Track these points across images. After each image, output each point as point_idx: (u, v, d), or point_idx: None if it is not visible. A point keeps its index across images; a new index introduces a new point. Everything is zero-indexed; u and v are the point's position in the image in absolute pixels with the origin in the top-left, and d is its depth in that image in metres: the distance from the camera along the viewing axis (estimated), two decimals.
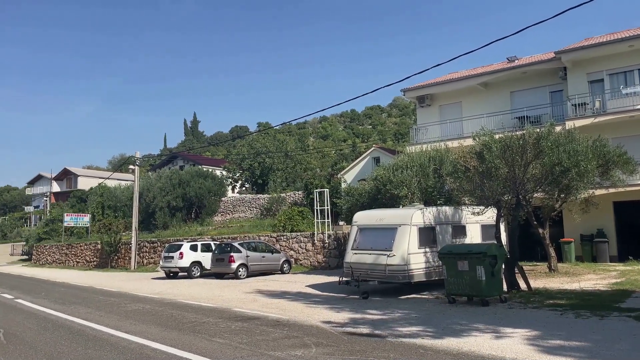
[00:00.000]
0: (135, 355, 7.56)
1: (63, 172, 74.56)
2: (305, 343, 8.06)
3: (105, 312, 12.52)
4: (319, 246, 24.18)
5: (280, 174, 47.11)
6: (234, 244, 21.80)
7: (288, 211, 28.35)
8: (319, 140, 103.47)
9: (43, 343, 8.86)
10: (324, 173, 47.83)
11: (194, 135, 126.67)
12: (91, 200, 47.02)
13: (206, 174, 43.00)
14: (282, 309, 12.06)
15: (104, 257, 35.12)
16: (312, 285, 16.99)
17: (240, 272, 20.87)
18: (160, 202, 39.04)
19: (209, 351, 7.64)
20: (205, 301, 14.14)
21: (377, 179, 19.86)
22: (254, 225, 31.07)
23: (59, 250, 41.59)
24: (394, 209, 16.67)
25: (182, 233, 32.62)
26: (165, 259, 23.81)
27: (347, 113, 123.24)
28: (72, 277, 27.39)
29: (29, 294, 18.18)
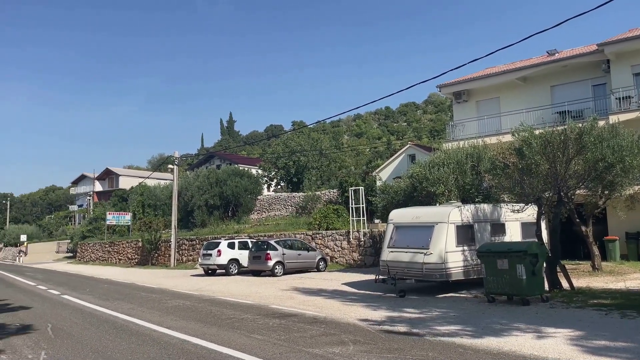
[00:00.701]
0: (176, 350, 7.75)
1: (105, 172, 76.86)
2: (342, 340, 8.09)
3: (147, 308, 12.86)
4: (355, 244, 24.16)
5: (315, 172, 47.26)
6: (271, 242, 22.03)
7: (323, 209, 28.42)
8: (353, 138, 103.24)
9: (89, 337, 9.18)
10: (359, 171, 47.75)
11: (230, 134, 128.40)
12: (132, 199, 48.33)
13: (242, 172, 43.58)
14: (319, 306, 12.12)
15: (144, 255, 36.06)
16: (348, 283, 17.00)
17: (276, 270, 21.07)
18: (198, 200, 39.81)
19: (247, 347, 7.75)
20: (243, 298, 14.34)
21: (413, 176, 19.70)
22: (289, 224, 31.28)
23: (101, 247, 42.94)
24: (430, 206, 16.50)
25: (219, 231, 33.15)
26: (203, 256, 24.28)
27: (381, 110, 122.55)
28: (114, 274, 28.23)
29: (75, 290, 18.84)
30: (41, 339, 9.14)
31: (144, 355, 7.46)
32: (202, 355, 7.34)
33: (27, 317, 11.93)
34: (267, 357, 7.08)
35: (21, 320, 11.43)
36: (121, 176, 74.09)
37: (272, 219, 37.85)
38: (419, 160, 24.23)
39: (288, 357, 7.06)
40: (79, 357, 7.56)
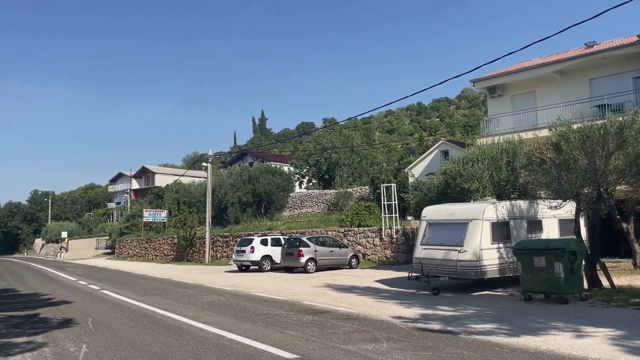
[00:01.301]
0: (212, 345, 7.89)
1: (141, 170, 78.66)
2: (376, 337, 8.08)
3: (183, 304, 13.13)
4: (387, 241, 24.04)
5: (346, 169, 47.19)
6: (303, 239, 22.14)
7: (355, 206, 28.37)
8: (385, 135, 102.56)
9: (127, 331, 9.44)
10: (391, 167, 47.36)
11: (262, 132, 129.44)
12: (167, 197, 49.32)
13: (274, 170, 43.91)
14: (352, 303, 12.13)
15: (180, 251, 36.79)
16: (381, 280, 16.94)
17: (309, 266, 21.18)
18: (231, 197, 40.33)
19: (281, 343, 7.83)
20: (276, 294, 14.48)
21: (446, 172, 19.45)
22: (321, 220, 31.36)
23: (139, 244, 44.01)
24: (464, 203, 16.27)
25: (252, 228, 33.51)
26: (237, 252, 24.60)
27: (413, 106, 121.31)
28: (151, 269, 28.89)
29: (114, 285, 19.38)
30: (82, 332, 9.45)
31: (180, 350, 7.62)
32: (237, 350, 7.46)
33: (68, 311, 12.35)
34: (301, 352, 7.14)
35: (63, 314, 11.84)
36: (157, 174, 75.67)
37: (304, 216, 38.02)
38: (452, 156, 23.90)
39: (321, 353, 7.10)
40: (118, 350, 7.78)
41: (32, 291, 18.08)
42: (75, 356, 7.44)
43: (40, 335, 9.30)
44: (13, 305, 14.18)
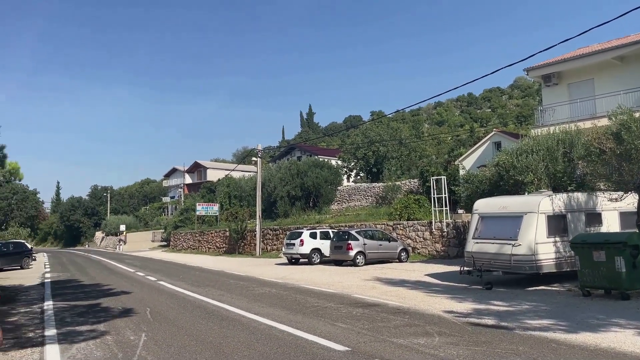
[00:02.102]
0: (264, 336, 8.06)
1: (194, 165, 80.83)
2: (427, 332, 8.01)
3: (236, 295, 13.44)
4: (437, 235, 23.70)
5: (394, 162, 46.73)
6: (351, 232, 22.15)
7: (404, 199, 28.10)
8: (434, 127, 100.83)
9: (183, 321, 9.77)
10: (440, 160, 46.59)
11: (310, 126, 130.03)
12: (219, 191, 50.48)
13: (322, 163, 44.08)
14: (402, 297, 12.06)
15: (231, 244, 37.64)
16: (431, 275, 16.75)
17: (358, 260, 21.18)
18: (280, 191, 40.83)
19: (332, 335, 7.90)
20: (326, 287, 14.58)
21: (499, 164, 18.93)
22: (369, 214, 31.25)
23: (192, 237, 45.34)
24: (518, 196, 15.81)
25: (301, 221, 33.82)
26: (287, 245, 24.92)
27: (463, 97, 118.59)
28: (204, 261, 29.71)
29: (169, 276, 20.06)
30: (141, 321, 9.86)
31: (234, 340, 7.83)
32: (289, 342, 7.58)
33: (128, 301, 12.90)
34: (352, 345, 7.18)
35: (123, 304, 12.38)
36: (209, 169, 77.51)
37: (352, 210, 38.00)
38: (505, 148, 23.22)
39: (372, 346, 7.12)
40: (175, 340, 8.07)
41: (94, 282, 18.99)
42: (135, 344, 7.77)
43: (102, 324, 9.77)
44: (76, 295, 14.95)
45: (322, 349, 7.02)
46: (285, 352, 6.95)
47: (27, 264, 28.72)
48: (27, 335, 8.99)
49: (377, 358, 6.43)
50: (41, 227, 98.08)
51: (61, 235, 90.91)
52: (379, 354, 6.63)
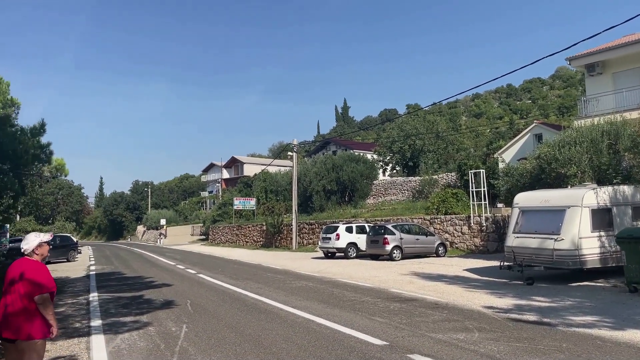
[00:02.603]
0: (302, 329, 8.12)
1: (231, 160, 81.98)
2: (466, 327, 7.90)
3: (274, 288, 13.58)
4: (476, 229, 23.29)
5: (431, 155, 46.15)
6: (388, 226, 22.01)
7: (441, 193, 27.72)
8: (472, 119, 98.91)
9: (223, 313, 9.94)
10: (479, 153, 45.65)
11: (345, 120, 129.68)
12: (255, 185, 51.05)
13: (357, 158, 43.95)
14: (440, 291, 11.92)
15: (268, 237, 38.04)
16: (470, 269, 16.48)
17: (394, 254, 21.04)
18: (316, 186, 40.97)
19: (370, 329, 7.89)
20: (363, 281, 14.55)
21: (541, 157, 18.42)
22: (406, 208, 30.98)
23: (230, 230, 46.05)
24: (561, 189, 15.34)
25: (337, 215, 33.84)
26: (323, 239, 24.99)
27: (502, 88, 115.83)
28: (242, 255, 30.13)
29: (209, 269, 20.44)
30: (182, 313, 10.08)
31: (272, 333, 7.91)
32: (327, 335, 7.61)
33: (169, 294, 13.22)
34: (390, 339, 7.15)
35: (164, 296, 12.69)
36: (245, 164, 78.46)
37: (388, 204, 37.77)
38: (546, 140, 22.56)
39: (411, 340, 7.07)
40: (215, 331, 8.23)
41: (136, 274, 19.54)
42: (177, 335, 7.96)
43: (145, 315, 10.05)
44: (120, 287, 15.42)
45: (360, 343, 7.02)
46: (323, 345, 6.98)
47: (73, 256, 29.80)
48: (74, 326, 9.34)
49: (416, 353, 6.38)
50: (86, 221, 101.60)
51: (105, 229, 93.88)
52: (417, 349, 6.58)
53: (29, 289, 4.53)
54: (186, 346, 7.21)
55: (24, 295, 4.52)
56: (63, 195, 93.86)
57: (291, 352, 6.68)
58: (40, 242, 4.79)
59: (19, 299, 4.51)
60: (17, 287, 4.53)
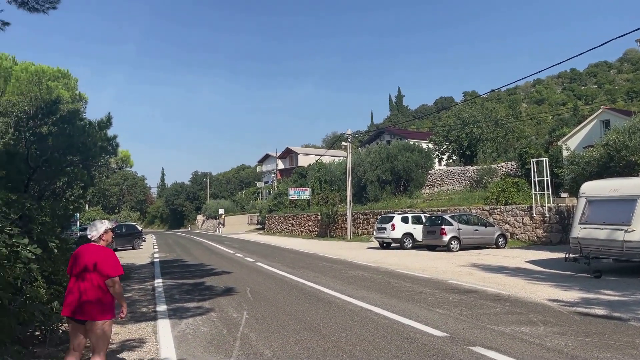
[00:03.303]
0: (360, 319, 8.13)
1: (286, 151, 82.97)
2: (531, 320, 7.65)
3: (330, 277, 13.67)
4: (538, 220, 22.46)
5: (490, 144, 44.83)
6: (445, 217, 21.61)
7: (501, 183, 26.91)
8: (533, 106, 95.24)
9: (281, 301, 10.11)
10: (541, 141, 43.88)
11: (399, 109, 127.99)
12: (310, 176, 51.45)
13: (412, 147, 43.34)
14: (501, 283, 11.60)
15: (323, 227, 38.28)
16: (532, 261, 15.93)
17: (452, 245, 20.65)
18: (370, 176, 40.78)
19: (429, 320, 7.79)
20: (420, 272, 14.39)
21: (609, 144, 17.53)
22: (463, 198, 30.32)
23: (285, 220, 46.69)
24: (632, 177, 14.53)
25: (392, 205, 33.59)
26: (378, 229, 24.88)
27: (565, 73, 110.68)
28: (297, 244, 30.50)
29: (266, 258, 20.83)
30: (242, 300, 10.33)
31: (330, 321, 7.97)
32: (385, 325, 7.59)
33: (229, 281, 13.58)
34: (450, 331, 7.03)
35: (225, 283, 13.05)
36: (300, 154, 79.17)
37: (445, 194, 37.08)
38: (615, 126, 21.38)
39: (472, 333, 6.93)
40: (275, 319, 8.38)
41: (198, 262, 20.19)
42: (238, 322, 8.17)
43: (207, 301, 10.37)
44: (183, 274, 15.99)
45: (419, 334, 6.95)
46: (382, 335, 6.96)
47: (138, 244, 31.16)
48: (141, 310, 9.77)
49: (478, 345, 6.25)
50: (149, 210, 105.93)
51: (166, 218, 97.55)
52: (479, 341, 6.44)
53: (102, 276, 4.78)
54: (247, 332, 7.39)
55: (98, 284, 4.77)
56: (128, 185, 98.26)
57: (350, 340, 6.71)
58: (106, 228, 5.05)
59: (93, 288, 4.76)
60: (92, 276, 4.78)
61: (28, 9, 9.65)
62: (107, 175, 34.92)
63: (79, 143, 13.66)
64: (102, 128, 14.56)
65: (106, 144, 14.78)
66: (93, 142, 14.05)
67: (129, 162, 20.77)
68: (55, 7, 9.98)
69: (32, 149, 12.78)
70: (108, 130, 15.15)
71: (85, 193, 17.04)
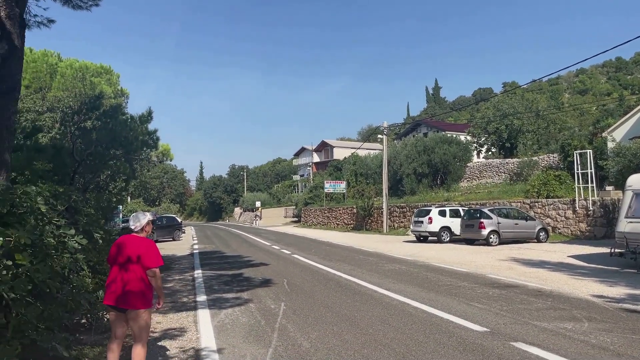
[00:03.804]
0: (397, 312, 8.08)
1: (321, 144, 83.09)
2: (574, 316, 7.44)
3: (366, 270, 13.64)
4: (581, 214, 21.77)
5: (530, 135, 43.63)
6: (484, 210, 21.21)
7: (542, 175, 26.20)
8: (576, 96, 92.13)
9: (318, 293, 10.15)
10: (584, 132, 42.41)
11: (436, 101, 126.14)
12: (345, 169, 51.39)
13: (450, 139, 42.65)
14: (542, 278, 11.32)
15: (359, 220, 38.22)
16: (575, 256, 15.48)
17: (491, 239, 20.27)
18: (406, 169, 40.40)
19: (468, 315, 7.68)
20: (458, 266, 14.19)
21: None
22: (503, 191, 29.69)
23: (321, 213, 46.84)
24: None
25: (429, 198, 33.20)
26: (415, 223, 24.65)
27: (610, 62, 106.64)
28: (333, 237, 30.55)
29: (302, 250, 20.96)
30: (279, 292, 10.43)
31: (367, 314, 7.96)
32: (423, 319, 7.52)
33: (266, 272, 13.74)
34: (491, 326, 6.91)
35: (262, 275, 13.21)
36: (335, 147, 79.16)
37: (483, 187, 36.38)
38: None
39: (514, 328, 6.79)
40: (312, 310, 8.43)
41: (236, 253, 20.50)
42: (276, 313, 8.26)
43: (245, 292, 10.52)
44: (221, 265, 16.27)
45: (458, 328, 6.86)
46: (420, 328, 6.91)
47: (178, 236, 31.87)
48: (182, 300, 10.00)
49: (520, 341, 6.12)
50: (188, 203, 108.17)
51: (205, 211, 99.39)
52: (521, 337, 6.30)
53: (144, 267, 4.91)
54: (285, 323, 7.46)
55: (141, 275, 4.90)
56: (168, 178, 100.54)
57: (388, 334, 6.68)
58: (148, 220, 5.17)
59: (136, 278, 4.88)
60: (135, 267, 4.91)
61: (72, 7, 9.93)
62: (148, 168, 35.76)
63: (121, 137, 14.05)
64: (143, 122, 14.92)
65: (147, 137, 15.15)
66: (135, 136, 14.43)
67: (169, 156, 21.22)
68: (98, 4, 10.25)
69: (77, 143, 13.21)
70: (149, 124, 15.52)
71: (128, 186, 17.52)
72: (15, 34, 7.21)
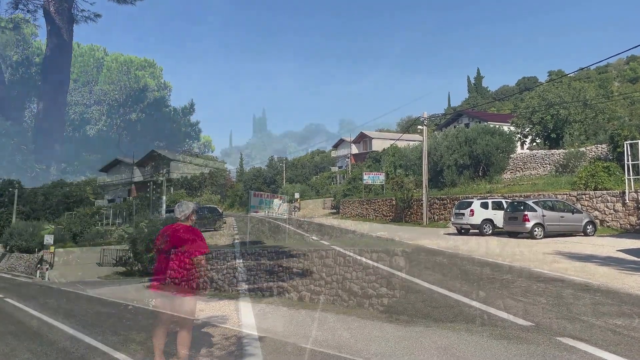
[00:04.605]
0: (440, 304, 8.01)
1: (360, 136, 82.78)
2: (624, 312, 7.17)
3: (408, 262, 13.51)
4: (632, 206, 20.91)
5: (577, 126, 42.17)
6: (528, 202, 20.65)
7: (590, 167, 25.29)
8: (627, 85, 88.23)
9: (358, 285, 10.13)
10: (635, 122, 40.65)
11: (478, 91, 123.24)
12: (384, 160, 51.04)
13: (493, 130, 41.65)
14: (590, 273, 10.94)
15: (398, 212, 37.90)
16: (626, 250, 14.88)
17: (535, 232, 19.72)
18: (447, 160, 39.74)
19: (512, 308, 7.51)
20: (501, 259, 13.88)
21: None
22: (548, 183, 28.84)
23: (360, 204, 46.72)
24: None
25: (470, 191, 32.58)
26: (456, 215, 24.24)
27: None
28: (372, 229, 30.40)
29: (340, 241, 20.95)
30: (319, 282, 10.48)
31: (409, 306, 7.92)
32: (466, 312, 7.42)
33: (305, 263, 13.80)
34: (536, 321, 6.75)
35: (301, 265, 13.28)
36: (374, 139, 78.68)
37: (527, 179, 35.46)
38: None
39: (559, 323, 6.61)
40: (350, 301, 8.43)
41: (275, 243, 20.72)
42: (316, 303, 8.32)
43: (285, 282, 10.64)
44: (262, 255, 16.45)
45: (502, 322, 6.74)
46: (462, 321, 6.81)
47: (220, 226, 32.51)
48: (224, 289, 10.20)
49: (566, 336, 5.95)
50: (229, 194, 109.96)
51: (245, 202, 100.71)
52: (567, 332, 6.13)
53: (191, 255, 5.02)
54: (324, 313, 7.50)
55: (187, 263, 5.01)
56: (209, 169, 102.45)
57: (430, 326, 6.62)
58: (193, 209, 5.27)
59: (183, 265, 5.00)
60: (182, 254, 5.02)
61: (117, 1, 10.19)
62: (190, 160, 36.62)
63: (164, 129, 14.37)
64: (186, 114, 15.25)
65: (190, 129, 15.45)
66: (178, 127, 14.76)
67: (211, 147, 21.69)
68: None
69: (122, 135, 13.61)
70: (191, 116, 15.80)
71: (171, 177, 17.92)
72: (64, 29, 7.44)
